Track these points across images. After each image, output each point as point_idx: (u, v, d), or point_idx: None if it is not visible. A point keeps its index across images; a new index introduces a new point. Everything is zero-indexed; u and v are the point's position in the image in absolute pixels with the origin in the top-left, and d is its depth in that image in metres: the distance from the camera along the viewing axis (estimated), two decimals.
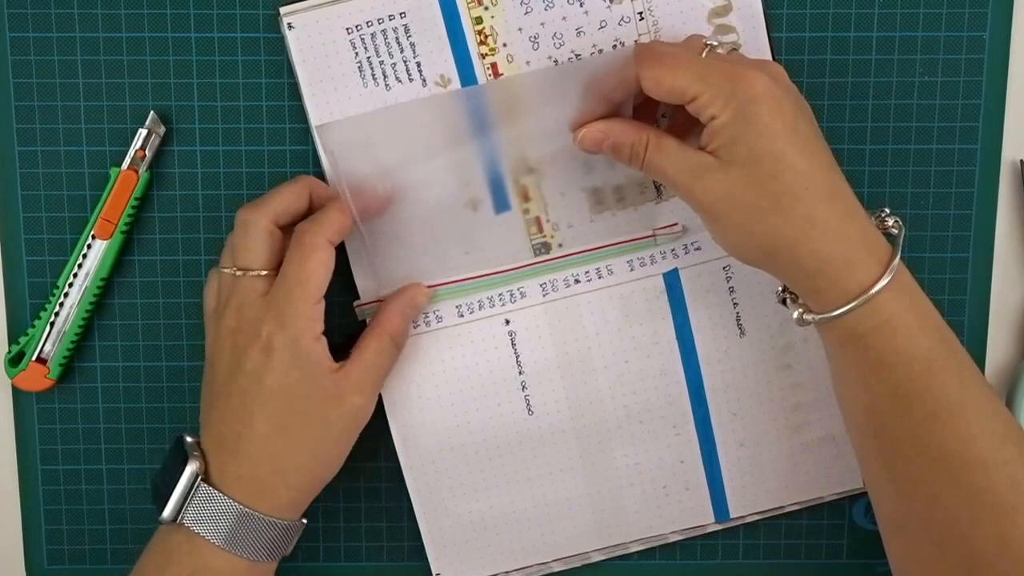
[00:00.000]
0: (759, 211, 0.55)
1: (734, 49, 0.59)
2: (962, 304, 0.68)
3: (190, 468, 0.58)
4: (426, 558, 0.69)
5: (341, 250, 0.64)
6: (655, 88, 0.57)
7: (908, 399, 0.55)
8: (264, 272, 0.60)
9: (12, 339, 0.68)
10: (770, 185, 0.54)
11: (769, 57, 0.64)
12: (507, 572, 0.69)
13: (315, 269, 0.59)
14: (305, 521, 0.62)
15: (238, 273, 0.60)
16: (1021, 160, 0.67)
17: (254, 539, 0.59)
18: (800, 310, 0.57)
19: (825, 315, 0.55)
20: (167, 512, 0.58)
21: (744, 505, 0.69)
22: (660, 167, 0.57)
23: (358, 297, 0.66)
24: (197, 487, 0.58)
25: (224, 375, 0.60)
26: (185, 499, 0.58)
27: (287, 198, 0.61)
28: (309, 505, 0.62)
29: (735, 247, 0.58)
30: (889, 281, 0.54)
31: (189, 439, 0.61)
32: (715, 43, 0.58)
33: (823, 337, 0.58)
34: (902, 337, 0.55)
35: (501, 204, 0.64)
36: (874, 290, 0.54)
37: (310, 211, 0.62)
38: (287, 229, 0.61)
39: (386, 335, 0.62)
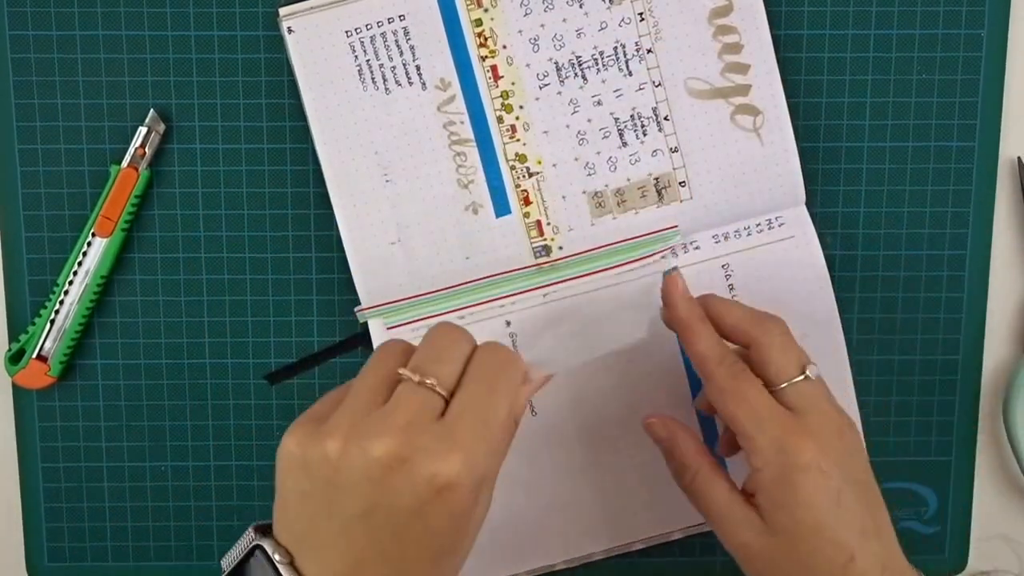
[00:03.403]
0: (787, 568, 0.57)
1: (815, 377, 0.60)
2: (959, 302, 0.71)
3: None
4: None
5: (340, 250, 0.67)
6: (715, 403, 0.60)
7: None
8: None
9: (12, 337, 0.70)
10: (811, 558, 0.56)
11: (772, 57, 0.67)
12: (514, 574, 0.71)
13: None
14: None
15: (429, 381, 0.53)
16: (1019, 157, 0.70)
17: None
18: None
19: None
20: None
21: None
22: (704, 499, 0.60)
23: (358, 299, 0.68)
24: None
25: (361, 508, 0.51)
26: None
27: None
28: None
29: None
30: None
31: (278, 558, 0.52)
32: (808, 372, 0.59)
33: None
34: None
35: (501, 208, 0.67)
36: None
37: None
38: None
39: None
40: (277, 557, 0.52)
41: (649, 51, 0.67)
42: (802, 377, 0.59)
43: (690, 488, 0.61)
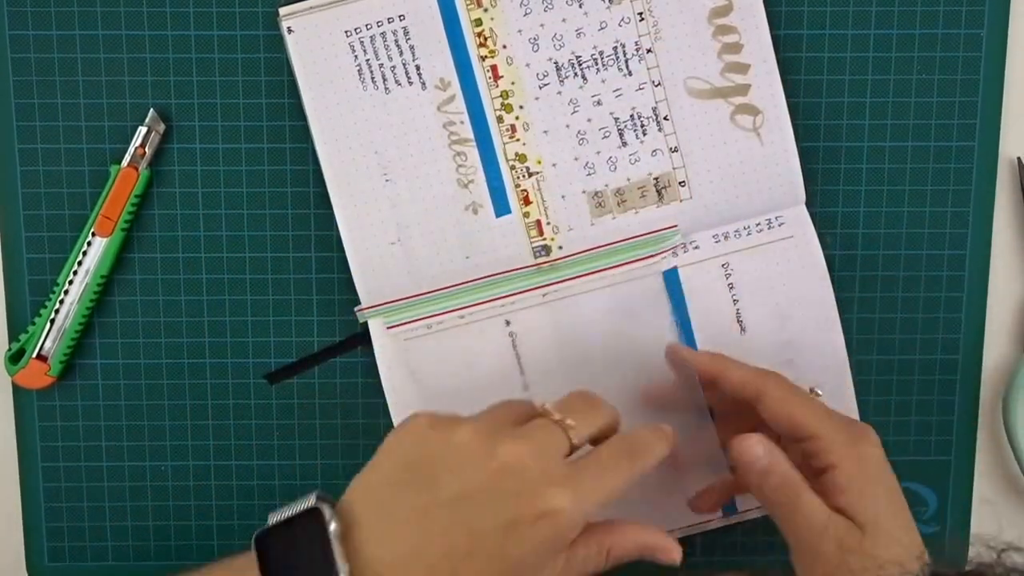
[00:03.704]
0: (858, 554, 0.58)
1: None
2: (959, 301, 0.71)
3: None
4: None
5: (340, 250, 0.68)
6: (774, 415, 0.61)
7: None
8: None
9: (12, 336, 0.70)
10: (889, 549, 0.58)
11: (772, 57, 0.67)
12: None
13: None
14: None
15: (569, 421, 0.55)
16: (1019, 157, 0.70)
17: None
18: None
19: None
20: None
21: (750, 499, 0.71)
22: (802, 514, 0.59)
23: (358, 298, 0.68)
24: None
25: (456, 492, 0.52)
26: None
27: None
28: None
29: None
30: None
31: (335, 529, 0.51)
32: (819, 392, 0.66)
33: None
34: None
35: (501, 208, 0.68)
36: None
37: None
38: None
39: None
40: (333, 526, 0.51)
41: (649, 51, 0.67)
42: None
43: (787, 506, 0.60)
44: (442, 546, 0.51)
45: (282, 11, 0.66)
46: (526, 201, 0.68)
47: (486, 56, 0.67)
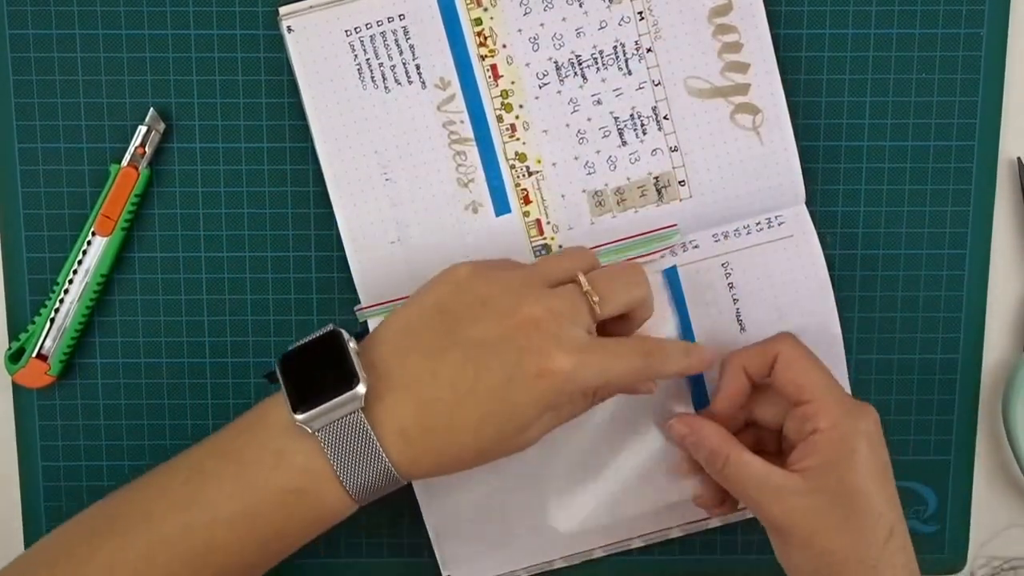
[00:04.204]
0: (828, 532, 0.60)
1: None
2: (959, 300, 0.71)
3: (356, 390, 0.56)
4: (425, 554, 0.71)
5: (340, 249, 0.68)
6: (782, 376, 0.63)
7: None
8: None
9: (12, 335, 0.70)
10: (853, 521, 0.60)
11: (772, 56, 0.67)
12: (513, 572, 0.71)
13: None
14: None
15: (595, 299, 0.59)
16: (1019, 157, 0.70)
17: (372, 492, 0.58)
18: None
19: None
20: (304, 418, 0.56)
21: None
22: (742, 476, 0.62)
23: (358, 298, 0.68)
24: (354, 416, 0.56)
25: (475, 338, 0.58)
26: (330, 417, 0.56)
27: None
28: None
29: (794, 565, 0.62)
30: None
31: (353, 346, 0.58)
32: None
33: None
34: None
35: (501, 207, 0.68)
36: None
37: None
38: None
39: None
40: (352, 344, 0.58)
41: (649, 50, 0.67)
42: None
43: (725, 471, 0.63)
44: (451, 378, 0.57)
45: (282, 11, 0.66)
46: (526, 200, 0.68)
47: (486, 55, 0.67)
